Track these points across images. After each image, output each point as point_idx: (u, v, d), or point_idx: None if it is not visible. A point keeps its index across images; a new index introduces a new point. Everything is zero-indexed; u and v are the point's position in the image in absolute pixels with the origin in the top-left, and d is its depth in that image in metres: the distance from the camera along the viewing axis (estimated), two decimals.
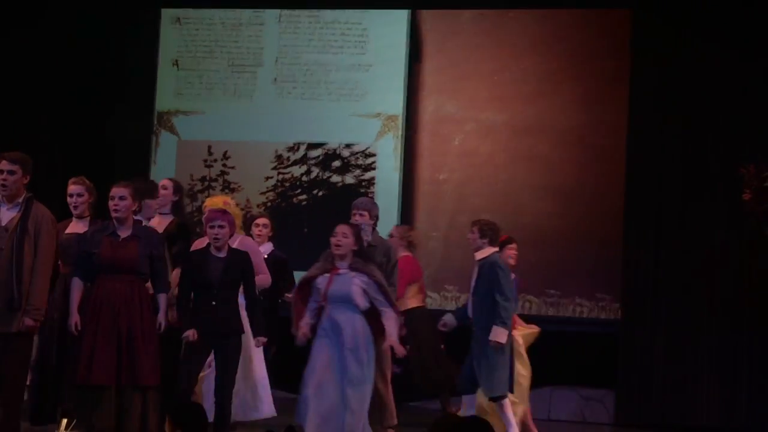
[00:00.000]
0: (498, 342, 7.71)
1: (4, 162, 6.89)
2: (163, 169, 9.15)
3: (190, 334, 6.94)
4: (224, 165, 9.17)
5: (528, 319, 8.34)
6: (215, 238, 7.06)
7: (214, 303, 6.92)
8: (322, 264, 7.15)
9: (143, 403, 6.77)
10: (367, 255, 7.35)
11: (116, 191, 6.93)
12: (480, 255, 7.75)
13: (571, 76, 8.80)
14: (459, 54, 8.91)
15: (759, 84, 8.92)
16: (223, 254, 7.13)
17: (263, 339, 7.16)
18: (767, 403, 8.90)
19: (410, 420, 7.98)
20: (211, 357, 7.25)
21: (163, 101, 9.35)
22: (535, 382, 7.92)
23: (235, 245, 7.44)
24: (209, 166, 9.21)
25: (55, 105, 9.76)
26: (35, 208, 6.97)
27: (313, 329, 7.20)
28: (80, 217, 7.38)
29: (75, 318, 6.88)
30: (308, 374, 7.08)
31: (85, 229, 7.29)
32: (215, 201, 7.57)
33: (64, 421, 6.66)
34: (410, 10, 8.97)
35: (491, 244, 7.63)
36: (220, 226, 7.05)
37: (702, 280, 8.99)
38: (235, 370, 7.09)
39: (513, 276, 7.98)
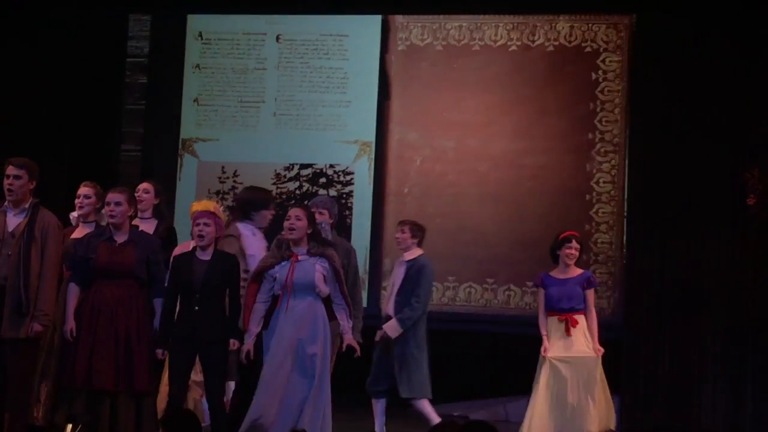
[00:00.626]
0: (387, 336, 7.56)
1: (10, 167, 6.65)
2: (187, 185, 9.73)
3: (159, 353, 6.62)
4: (234, 181, 9.66)
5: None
6: (200, 236, 6.73)
7: (196, 308, 6.61)
8: (278, 252, 6.79)
9: (137, 410, 6.57)
10: (322, 237, 6.91)
11: (112, 197, 6.66)
12: (410, 255, 7.75)
13: (506, 111, 9.18)
14: (419, 94, 9.42)
15: (763, 88, 8.64)
16: (207, 257, 6.75)
17: (238, 343, 6.63)
18: None
19: (410, 426, 7.70)
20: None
21: (186, 131, 9.80)
22: None
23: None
24: (222, 182, 9.71)
25: (97, 135, 9.79)
26: (42, 214, 6.69)
27: (265, 324, 6.70)
28: (85, 221, 7.10)
29: (71, 324, 6.61)
30: (264, 382, 6.53)
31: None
32: (204, 204, 7.24)
33: (69, 426, 6.36)
34: (380, 59, 9.42)
35: (419, 245, 7.75)
36: (206, 224, 6.73)
37: (706, 286, 8.70)
38: (223, 376, 6.77)
39: (579, 273, 7.55)
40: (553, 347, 7.54)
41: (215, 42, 9.78)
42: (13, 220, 6.65)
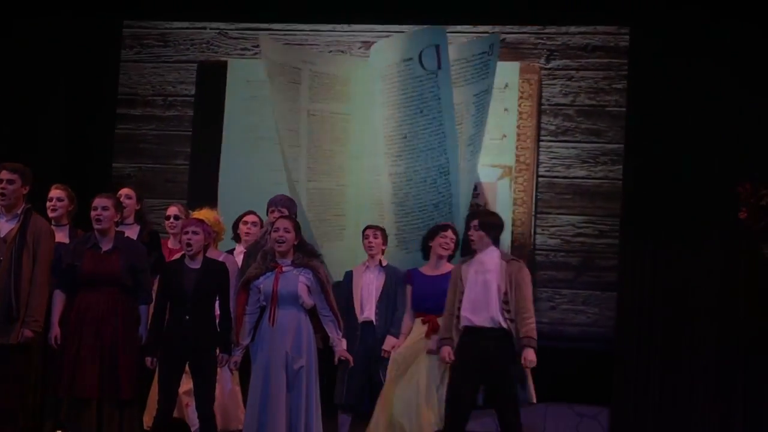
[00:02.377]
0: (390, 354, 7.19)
1: (3, 171, 6.46)
2: (225, 193, 10.34)
3: (148, 362, 6.46)
4: None
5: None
6: (188, 244, 6.48)
7: (187, 317, 6.42)
8: (263, 263, 6.48)
9: (120, 417, 6.43)
10: (309, 248, 6.59)
11: (99, 201, 6.44)
12: (383, 261, 7.59)
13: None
14: None
15: (755, 102, 8.71)
16: (197, 265, 6.50)
17: (227, 357, 6.49)
18: (763, 422, 8.49)
19: None
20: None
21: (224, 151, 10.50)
22: None
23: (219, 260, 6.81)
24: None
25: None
26: (34, 220, 6.45)
27: (253, 335, 6.51)
28: (58, 224, 6.88)
29: (56, 331, 6.41)
30: (253, 397, 6.46)
31: (64, 237, 6.81)
32: (204, 213, 7.23)
33: None
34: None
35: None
36: (194, 232, 6.48)
37: (698, 300, 8.72)
38: (213, 384, 6.56)
39: (451, 269, 6.95)
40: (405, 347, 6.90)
41: (247, 85, 10.57)
42: (6, 226, 6.52)
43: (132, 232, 7.24)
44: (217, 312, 6.58)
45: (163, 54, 11.00)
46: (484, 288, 6.86)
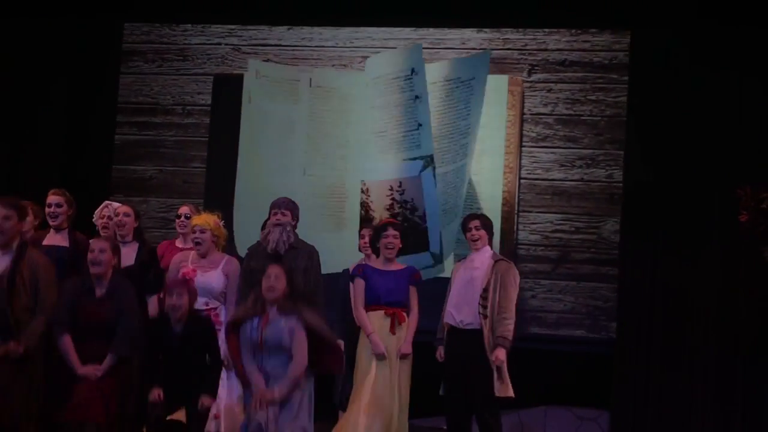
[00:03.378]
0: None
1: None
2: (242, 190, 10.68)
3: (156, 394, 6.27)
4: None
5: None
6: (173, 308, 6.21)
7: (177, 370, 6.28)
8: (252, 307, 6.13)
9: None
10: (299, 296, 6.17)
11: (96, 244, 6.17)
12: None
13: None
14: None
15: (756, 105, 8.65)
16: (179, 328, 6.26)
17: (209, 401, 6.24)
18: (762, 424, 8.37)
19: None
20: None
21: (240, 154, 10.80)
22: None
23: (222, 263, 6.78)
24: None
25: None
26: (30, 254, 6.22)
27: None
28: (58, 228, 6.72)
29: (80, 368, 6.15)
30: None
31: (63, 240, 6.62)
32: (204, 218, 6.91)
33: None
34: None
35: None
36: (179, 295, 6.18)
37: (698, 301, 8.64)
38: (205, 420, 6.49)
39: (404, 267, 6.79)
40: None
41: (260, 97, 10.96)
42: (1, 261, 6.30)
43: (131, 250, 7.07)
44: (223, 318, 6.62)
45: (183, 67, 11.43)
46: (469, 286, 6.96)
